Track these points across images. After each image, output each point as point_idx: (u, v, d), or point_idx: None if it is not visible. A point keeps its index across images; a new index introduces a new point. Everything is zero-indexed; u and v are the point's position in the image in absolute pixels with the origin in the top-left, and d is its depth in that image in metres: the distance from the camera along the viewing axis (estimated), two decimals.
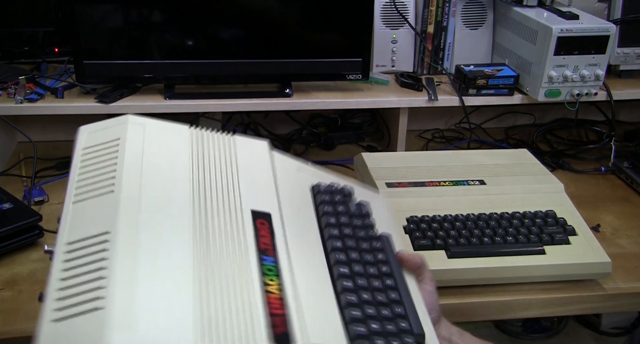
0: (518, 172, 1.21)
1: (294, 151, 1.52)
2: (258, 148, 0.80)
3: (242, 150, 0.76)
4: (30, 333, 0.92)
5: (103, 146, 0.68)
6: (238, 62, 1.33)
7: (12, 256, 1.08)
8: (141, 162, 0.65)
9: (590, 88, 1.39)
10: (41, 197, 1.25)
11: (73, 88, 1.35)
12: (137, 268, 0.52)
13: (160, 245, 0.56)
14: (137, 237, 0.55)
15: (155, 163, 0.67)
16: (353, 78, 1.37)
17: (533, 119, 1.68)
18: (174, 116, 1.47)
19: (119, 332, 0.46)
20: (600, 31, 1.33)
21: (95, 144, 0.69)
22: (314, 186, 0.82)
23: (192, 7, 1.29)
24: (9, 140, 1.46)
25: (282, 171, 0.79)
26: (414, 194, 1.14)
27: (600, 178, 1.43)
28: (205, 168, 0.69)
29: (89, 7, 1.25)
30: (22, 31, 1.43)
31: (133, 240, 0.54)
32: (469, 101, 1.42)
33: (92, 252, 0.54)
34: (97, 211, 0.58)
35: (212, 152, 0.73)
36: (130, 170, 0.63)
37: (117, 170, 0.63)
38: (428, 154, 1.42)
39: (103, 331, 0.46)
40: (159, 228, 0.58)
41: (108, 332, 0.45)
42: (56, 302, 0.49)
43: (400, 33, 1.48)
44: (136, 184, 0.61)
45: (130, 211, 0.57)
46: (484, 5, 1.50)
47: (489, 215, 1.10)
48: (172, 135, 0.73)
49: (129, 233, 0.55)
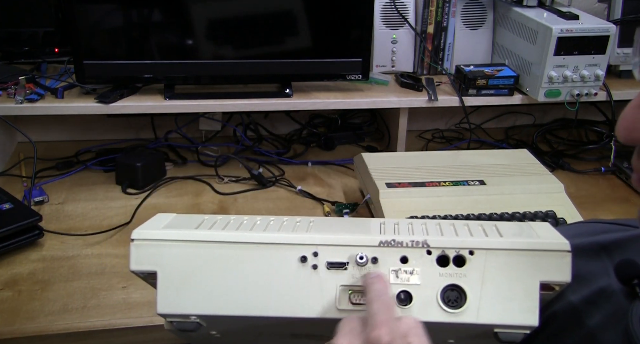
0: (518, 172, 1.21)
1: (294, 151, 1.52)
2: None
3: None
4: (30, 333, 0.92)
5: None
6: (238, 62, 1.33)
7: (12, 256, 1.08)
8: None
9: (590, 88, 1.39)
10: (41, 197, 1.25)
11: (73, 88, 1.34)
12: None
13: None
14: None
15: None
16: (353, 78, 1.37)
17: (533, 119, 1.68)
18: (174, 116, 1.48)
19: None
20: (600, 31, 1.33)
21: None
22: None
23: (192, 7, 1.29)
24: (9, 140, 1.46)
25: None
26: (414, 194, 1.14)
27: (600, 178, 1.43)
28: None
29: (89, 7, 1.25)
30: (22, 31, 1.43)
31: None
32: (469, 101, 1.41)
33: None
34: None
35: None
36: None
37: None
38: (428, 154, 1.42)
39: None
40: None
41: None
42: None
43: (400, 33, 1.48)
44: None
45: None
46: (484, 5, 1.50)
47: (489, 215, 1.10)
48: None
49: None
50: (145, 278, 0.55)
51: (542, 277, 0.50)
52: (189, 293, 0.53)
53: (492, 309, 0.50)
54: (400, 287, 0.51)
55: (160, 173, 1.37)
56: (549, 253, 0.50)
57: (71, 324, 0.94)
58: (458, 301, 0.50)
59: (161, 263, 0.53)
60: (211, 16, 1.30)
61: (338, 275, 0.52)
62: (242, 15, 1.31)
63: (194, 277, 0.53)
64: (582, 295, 0.62)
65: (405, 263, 0.51)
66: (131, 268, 0.53)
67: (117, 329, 0.94)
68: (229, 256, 0.53)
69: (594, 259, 0.63)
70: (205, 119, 1.51)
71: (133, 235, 0.53)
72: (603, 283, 0.61)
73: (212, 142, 1.54)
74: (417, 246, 0.52)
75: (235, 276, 0.52)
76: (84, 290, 1.01)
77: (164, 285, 0.53)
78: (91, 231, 1.16)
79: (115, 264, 1.07)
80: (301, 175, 1.41)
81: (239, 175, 1.38)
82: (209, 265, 0.53)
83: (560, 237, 0.52)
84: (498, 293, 0.50)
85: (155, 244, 0.53)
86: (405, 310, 0.51)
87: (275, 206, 1.29)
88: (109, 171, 1.38)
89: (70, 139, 1.53)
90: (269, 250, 0.53)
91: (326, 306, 0.52)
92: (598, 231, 0.66)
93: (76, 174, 1.38)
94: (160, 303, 0.53)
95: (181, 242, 0.53)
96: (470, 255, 0.51)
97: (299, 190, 1.33)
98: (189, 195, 1.31)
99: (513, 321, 0.50)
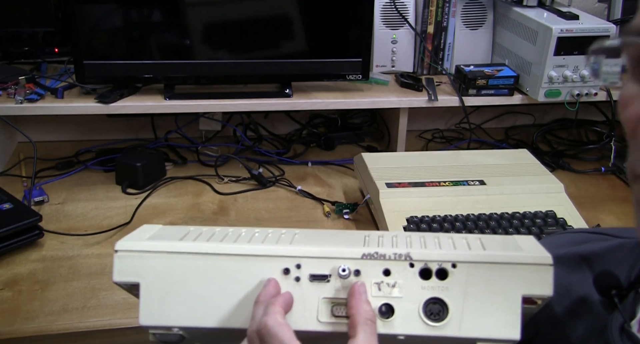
0: (518, 172, 1.21)
1: (294, 151, 1.52)
2: None
3: None
4: (30, 333, 0.92)
5: None
6: (238, 62, 1.33)
7: (12, 256, 1.08)
8: None
9: (590, 88, 1.39)
10: (41, 197, 1.25)
11: (73, 88, 1.34)
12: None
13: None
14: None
15: None
16: (353, 78, 1.37)
17: (533, 119, 1.68)
18: (174, 116, 1.48)
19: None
20: (600, 31, 1.33)
21: None
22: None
23: (192, 8, 1.29)
24: (9, 140, 1.46)
25: None
26: (414, 194, 1.14)
27: (600, 178, 1.43)
28: None
29: (89, 7, 1.25)
30: (22, 31, 1.43)
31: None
32: (469, 101, 1.41)
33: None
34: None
35: None
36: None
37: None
38: (428, 154, 1.42)
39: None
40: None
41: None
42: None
43: (400, 33, 1.48)
44: None
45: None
46: (484, 5, 1.50)
47: (489, 215, 1.10)
48: None
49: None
50: (129, 290, 0.55)
51: (524, 291, 0.50)
52: (171, 305, 0.52)
53: (475, 323, 0.50)
54: (382, 300, 0.51)
55: (160, 173, 1.37)
56: (531, 267, 0.50)
57: (71, 324, 0.94)
58: (440, 314, 0.50)
59: (144, 275, 0.53)
60: (211, 16, 1.30)
61: (321, 288, 0.52)
62: (242, 15, 1.31)
63: (176, 289, 0.52)
64: (564, 306, 0.62)
65: (388, 276, 0.51)
66: (114, 279, 0.53)
67: (117, 329, 0.95)
68: (211, 268, 0.53)
69: (575, 270, 0.63)
70: (205, 119, 1.51)
71: (116, 246, 0.53)
72: (583, 293, 0.61)
73: (212, 142, 1.54)
74: (399, 259, 0.51)
75: (218, 288, 0.52)
76: (84, 290, 1.01)
77: (147, 296, 0.53)
78: (91, 231, 1.16)
79: None
80: (301, 175, 1.41)
81: (239, 175, 1.38)
82: (191, 277, 0.52)
83: (543, 251, 0.51)
84: (480, 306, 0.50)
85: (138, 255, 0.53)
86: (387, 323, 0.50)
87: (275, 206, 1.28)
88: (109, 171, 1.38)
89: (70, 139, 1.53)
90: (252, 261, 0.53)
91: (308, 319, 0.52)
92: (580, 241, 0.66)
93: (76, 174, 1.37)
94: (143, 314, 0.53)
95: (164, 253, 0.53)
96: (453, 268, 0.51)
97: (299, 190, 1.33)
98: (189, 195, 1.31)
99: (495, 335, 0.50)
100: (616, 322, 0.55)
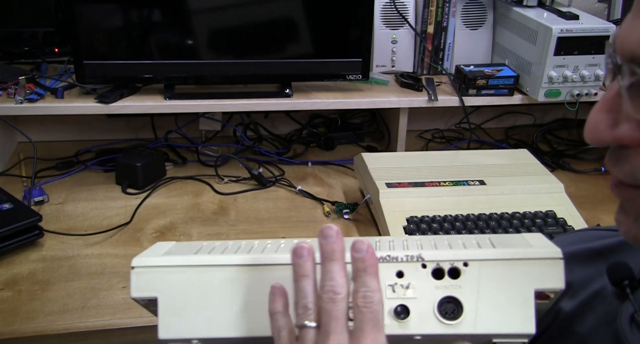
0: (518, 172, 1.21)
1: (294, 151, 1.52)
2: None
3: None
4: (30, 333, 0.92)
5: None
6: (238, 62, 1.33)
7: (12, 256, 1.08)
8: None
9: (590, 88, 1.39)
10: (41, 197, 1.25)
11: (73, 88, 1.34)
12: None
13: None
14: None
15: None
16: (353, 78, 1.37)
17: (533, 119, 1.68)
18: (174, 116, 1.48)
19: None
20: (600, 31, 1.33)
21: None
22: None
23: (192, 8, 1.29)
24: (9, 140, 1.46)
25: None
26: (414, 194, 1.14)
27: (600, 178, 1.43)
28: None
29: (89, 7, 1.25)
30: (22, 31, 1.43)
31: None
32: (469, 101, 1.41)
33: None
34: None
35: None
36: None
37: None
38: (428, 154, 1.42)
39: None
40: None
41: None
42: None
43: (400, 33, 1.48)
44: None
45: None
46: (484, 5, 1.50)
47: (489, 215, 1.10)
48: None
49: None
50: (147, 305, 0.55)
51: (537, 285, 0.51)
52: (189, 317, 0.53)
53: (489, 319, 0.51)
54: (397, 301, 0.51)
55: (160, 173, 1.37)
56: (542, 261, 0.51)
57: (71, 324, 0.94)
58: (455, 312, 0.51)
59: (161, 289, 0.53)
60: (211, 17, 1.30)
61: None
62: (242, 16, 1.31)
63: (194, 301, 0.53)
64: (579, 300, 0.62)
65: (401, 278, 0.52)
66: (132, 295, 0.53)
67: (117, 329, 0.95)
68: (227, 279, 0.53)
69: (590, 265, 0.64)
70: (205, 119, 1.51)
71: (133, 263, 0.54)
72: (598, 286, 0.61)
73: (212, 142, 1.54)
74: (412, 260, 0.52)
75: (235, 298, 0.53)
76: (84, 290, 1.01)
77: (165, 310, 0.53)
78: (91, 231, 1.16)
79: (115, 264, 1.07)
80: (301, 175, 1.41)
81: (239, 175, 1.38)
82: (208, 289, 0.53)
83: (552, 245, 0.52)
84: (494, 302, 0.51)
85: (154, 271, 0.54)
86: (403, 324, 0.51)
87: (275, 206, 1.28)
88: (109, 171, 1.38)
89: (70, 139, 1.53)
90: (267, 271, 0.53)
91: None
92: (592, 238, 0.67)
93: (76, 174, 1.37)
94: (162, 328, 0.53)
95: (180, 267, 0.54)
96: (465, 267, 0.51)
97: (299, 190, 1.33)
98: (189, 195, 1.31)
99: (511, 330, 0.50)
100: (626, 312, 0.56)
